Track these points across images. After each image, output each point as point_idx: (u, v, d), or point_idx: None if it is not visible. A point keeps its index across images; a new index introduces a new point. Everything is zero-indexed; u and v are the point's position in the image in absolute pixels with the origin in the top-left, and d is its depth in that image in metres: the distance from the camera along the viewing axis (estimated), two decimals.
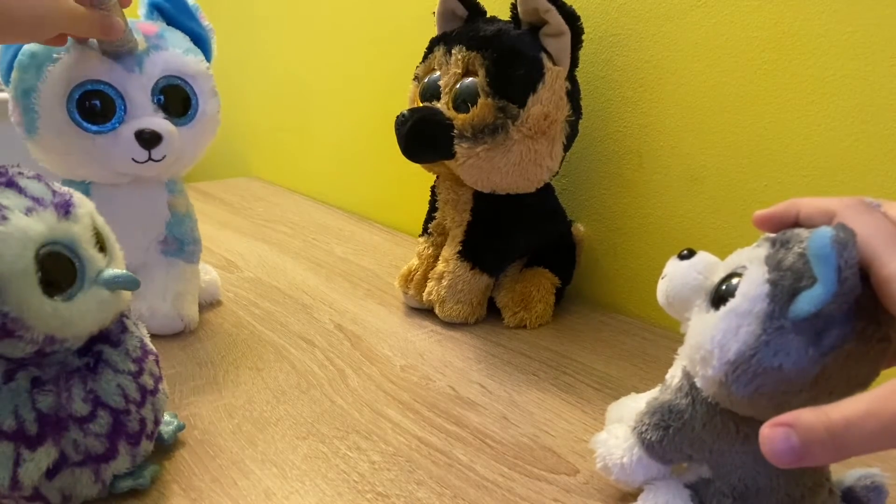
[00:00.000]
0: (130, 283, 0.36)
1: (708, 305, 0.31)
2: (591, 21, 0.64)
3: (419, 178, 0.70)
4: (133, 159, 0.52)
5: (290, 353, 0.56)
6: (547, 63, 0.54)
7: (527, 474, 0.41)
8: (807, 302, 0.26)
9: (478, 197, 0.61)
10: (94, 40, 0.51)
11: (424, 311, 0.64)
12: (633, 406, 0.38)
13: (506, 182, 0.57)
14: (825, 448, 0.23)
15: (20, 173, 0.34)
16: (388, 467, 0.42)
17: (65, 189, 0.35)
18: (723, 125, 0.57)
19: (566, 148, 0.59)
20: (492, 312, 0.64)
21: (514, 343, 0.59)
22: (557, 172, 0.60)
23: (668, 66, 0.60)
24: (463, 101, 0.55)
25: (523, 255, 0.64)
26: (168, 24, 0.56)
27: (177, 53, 0.54)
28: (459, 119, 0.55)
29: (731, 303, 0.29)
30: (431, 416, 0.47)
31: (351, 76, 0.98)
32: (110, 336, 0.37)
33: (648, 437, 0.35)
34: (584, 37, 0.56)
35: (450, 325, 0.62)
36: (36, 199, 0.33)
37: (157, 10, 0.56)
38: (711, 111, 0.58)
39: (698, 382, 0.32)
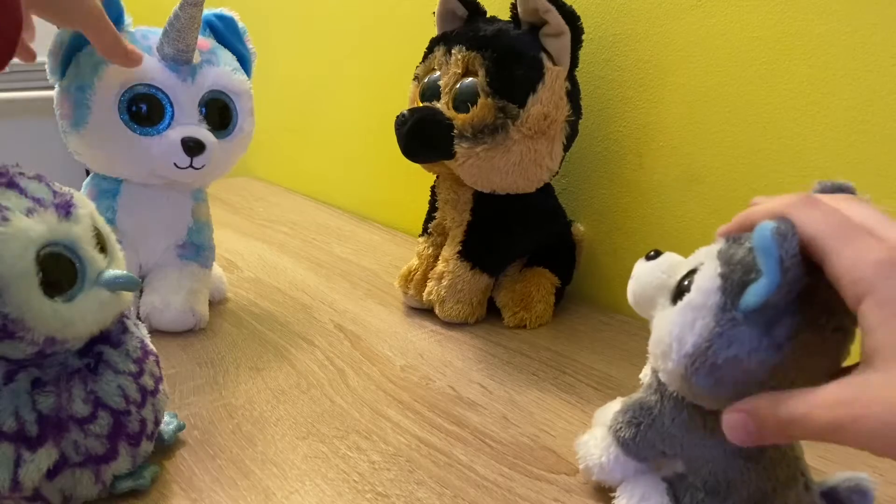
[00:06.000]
0: (131, 284, 0.36)
1: (669, 302, 0.32)
2: (591, 21, 0.64)
3: (419, 178, 0.70)
4: (175, 164, 0.53)
5: (290, 353, 0.56)
6: (547, 63, 0.54)
7: (527, 474, 0.41)
8: (753, 294, 0.27)
9: (478, 197, 0.61)
10: (154, 45, 0.53)
11: (424, 311, 0.64)
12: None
13: (506, 182, 0.57)
14: (777, 436, 0.26)
15: (21, 174, 0.34)
16: (388, 467, 0.42)
17: (65, 189, 0.35)
18: (723, 125, 0.57)
19: (566, 148, 0.59)
20: (492, 312, 0.64)
21: (514, 343, 0.59)
22: (557, 172, 0.60)
23: (668, 66, 0.60)
24: (463, 101, 0.55)
25: (523, 255, 0.64)
26: (217, 41, 0.59)
27: (227, 71, 0.56)
28: (459, 119, 0.55)
29: (687, 297, 0.30)
30: (431, 416, 0.47)
31: (351, 76, 0.98)
32: (111, 337, 0.37)
33: (622, 434, 0.36)
34: (584, 37, 0.56)
35: (450, 325, 0.62)
36: (37, 200, 0.33)
37: (209, 28, 0.59)
38: (711, 111, 0.58)
39: (662, 377, 0.33)
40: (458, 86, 0.56)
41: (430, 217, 0.66)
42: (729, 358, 0.28)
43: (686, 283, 0.31)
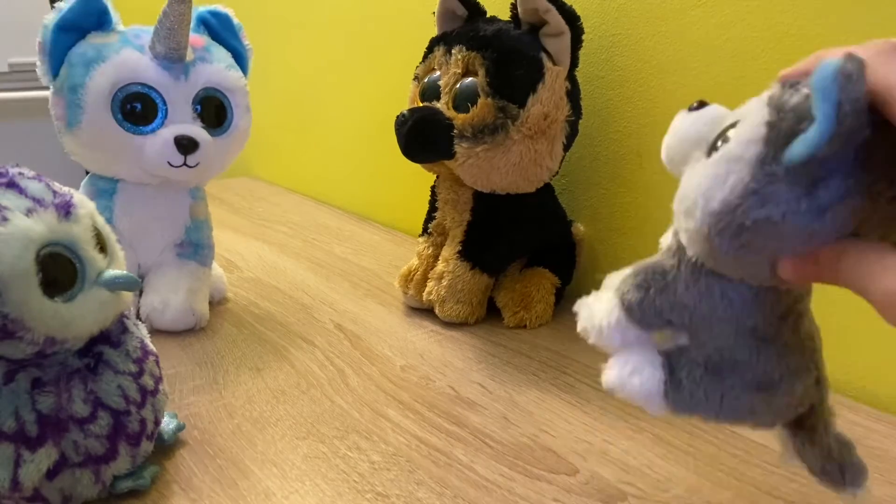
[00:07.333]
0: (131, 284, 0.36)
1: (704, 156, 0.28)
2: (591, 21, 0.64)
3: (419, 178, 0.70)
4: (169, 163, 0.53)
5: (290, 353, 0.56)
6: (547, 63, 0.54)
7: (527, 474, 0.41)
8: (801, 143, 0.22)
9: (478, 197, 0.61)
10: (146, 44, 0.53)
11: (424, 311, 0.64)
12: None
13: (506, 182, 0.57)
14: (831, 281, 0.24)
15: (21, 174, 0.34)
16: (388, 467, 0.42)
17: (65, 189, 0.35)
18: None
19: (566, 148, 0.59)
20: (492, 312, 0.64)
21: (514, 343, 0.59)
22: (557, 172, 0.60)
23: (668, 66, 0.60)
24: (463, 101, 0.55)
25: (523, 255, 0.64)
26: (212, 38, 0.59)
27: (220, 68, 0.56)
28: (459, 119, 0.55)
29: (723, 148, 0.26)
30: (431, 416, 0.47)
31: (351, 76, 0.98)
32: (111, 337, 0.37)
33: (628, 297, 0.32)
34: (584, 37, 0.56)
35: (450, 325, 0.62)
36: (36, 200, 0.33)
37: (203, 25, 0.59)
38: None
39: (682, 239, 0.29)
40: (458, 86, 0.56)
41: (430, 217, 0.66)
42: (759, 219, 0.24)
43: (727, 133, 0.27)
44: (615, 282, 0.35)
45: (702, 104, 0.30)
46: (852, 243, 0.24)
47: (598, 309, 0.33)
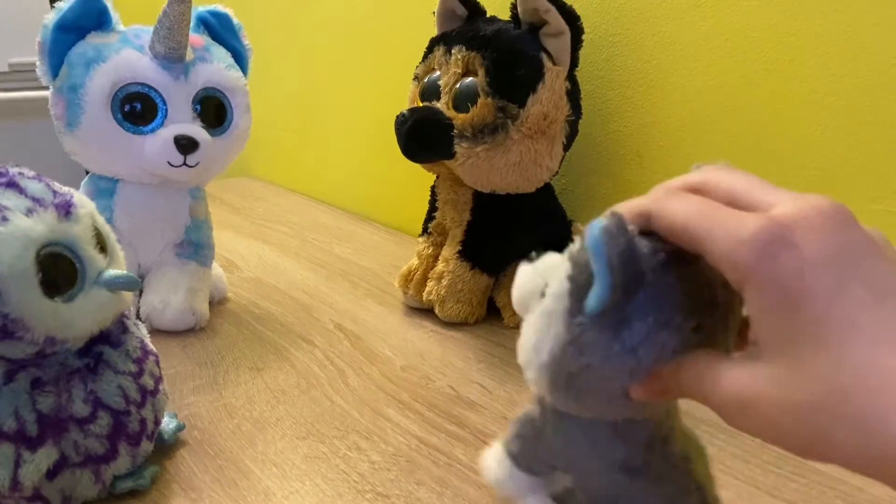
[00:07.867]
0: (131, 284, 0.36)
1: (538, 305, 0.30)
2: (591, 21, 0.64)
3: (419, 178, 0.70)
4: (168, 162, 0.53)
5: (290, 353, 0.56)
6: (547, 63, 0.54)
7: None
8: (591, 297, 0.25)
9: (478, 197, 0.61)
10: (146, 44, 0.53)
11: (424, 311, 0.64)
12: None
13: (505, 182, 0.57)
14: (677, 395, 0.26)
15: (21, 174, 0.34)
16: (388, 467, 0.42)
17: (65, 189, 0.35)
18: (723, 125, 0.57)
19: (566, 148, 0.59)
20: (492, 312, 0.64)
21: (513, 343, 0.58)
22: (557, 172, 0.60)
23: (668, 66, 0.60)
24: (463, 101, 0.55)
25: (523, 255, 0.64)
26: (212, 38, 0.59)
27: (220, 68, 0.56)
28: (459, 119, 0.55)
29: (542, 302, 0.28)
30: (431, 416, 0.47)
31: (351, 76, 0.98)
32: (111, 337, 0.37)
33: (511, 448, 0.34)
34: (584, 37, 0.56)
35: (450, 325, 0.62)
36: (36, 200, 0.33)
37: (203, 25, 0.59)
38: (711, 111, 0.58)
39: (531, 388, 0.31)
40: (457, 86, 0.56)
41: (430, 217, 0.66)
42: (583, 366, 0.26)
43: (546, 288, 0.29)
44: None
45: (538, 255, 0.32)
46: (687, 358, 0.25)
47: (493, 459, 0.35)
